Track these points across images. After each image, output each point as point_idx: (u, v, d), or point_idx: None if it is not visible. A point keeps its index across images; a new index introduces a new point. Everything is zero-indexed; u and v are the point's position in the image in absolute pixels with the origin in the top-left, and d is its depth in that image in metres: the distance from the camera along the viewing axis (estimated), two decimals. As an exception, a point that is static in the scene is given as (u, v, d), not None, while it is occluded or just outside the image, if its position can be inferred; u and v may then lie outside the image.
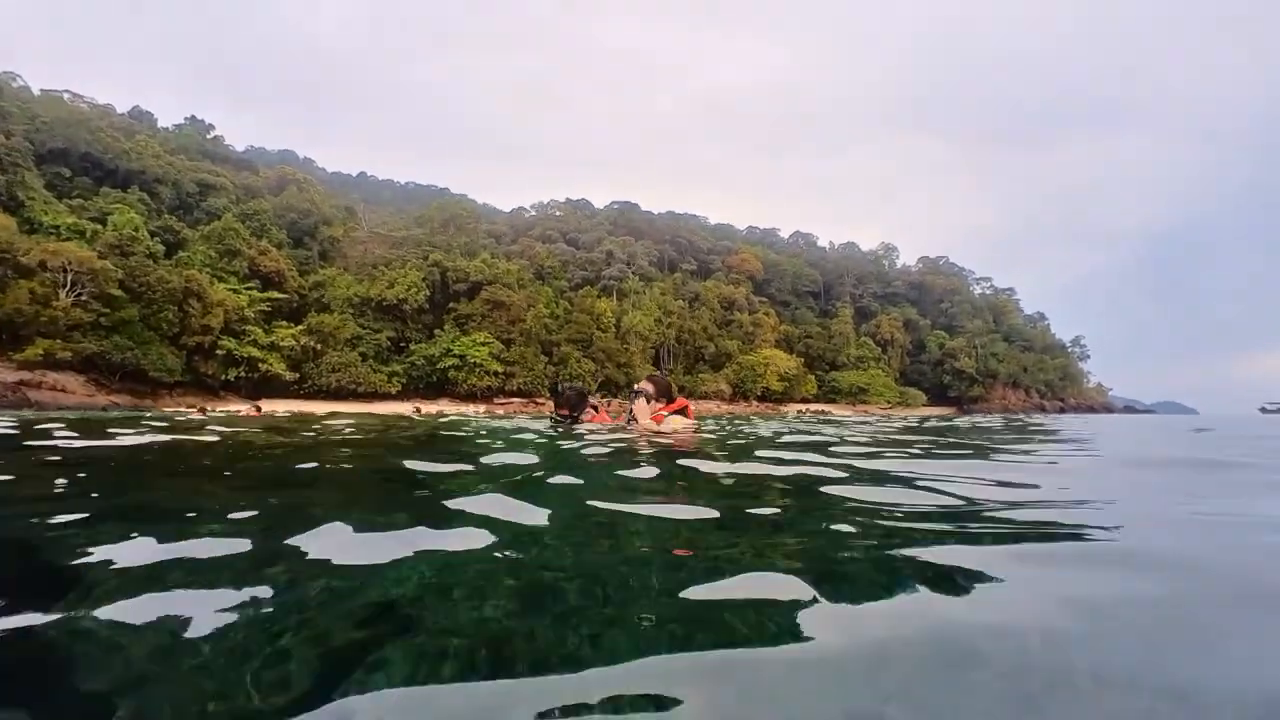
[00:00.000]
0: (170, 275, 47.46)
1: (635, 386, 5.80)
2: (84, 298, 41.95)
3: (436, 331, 64.93)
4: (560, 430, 5.86)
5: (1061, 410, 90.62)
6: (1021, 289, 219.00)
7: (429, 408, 46.50)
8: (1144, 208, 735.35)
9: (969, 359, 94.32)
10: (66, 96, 65.22)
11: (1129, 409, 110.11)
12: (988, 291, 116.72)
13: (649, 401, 5.63)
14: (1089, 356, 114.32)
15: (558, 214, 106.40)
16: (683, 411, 5.79)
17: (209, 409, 33.15)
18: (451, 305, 67.02)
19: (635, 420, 5.65)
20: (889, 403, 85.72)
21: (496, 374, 62.55)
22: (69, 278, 41.19)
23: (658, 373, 6.27)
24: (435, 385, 62.22)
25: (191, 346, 48.77)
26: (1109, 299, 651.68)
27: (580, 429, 5.88)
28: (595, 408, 6.52)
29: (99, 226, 48.09)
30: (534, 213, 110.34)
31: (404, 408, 45.84)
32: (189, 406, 40.78)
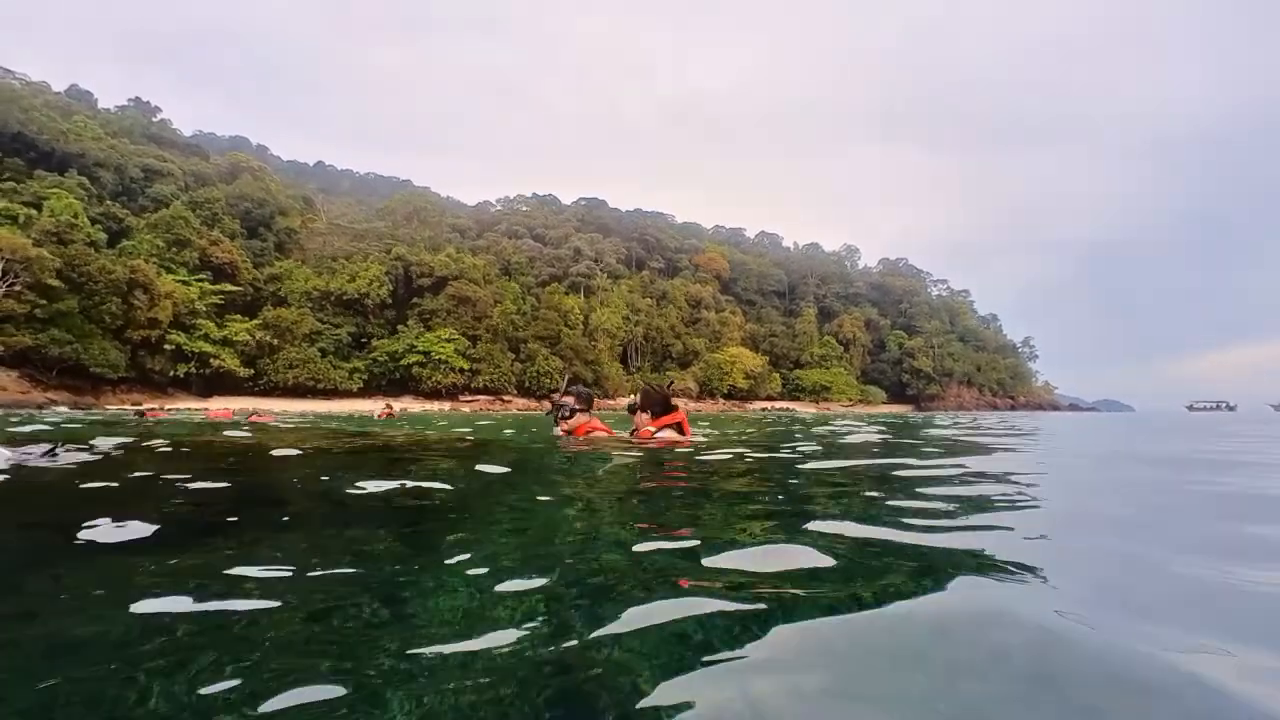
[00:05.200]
0: (113, 265, 44.85)
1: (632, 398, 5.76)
2: (17, 288, 39.25)
3: (400, 327, 63.34)
4: (561, 423, 5.68)
5: (1012, 408, 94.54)
6: (975, 292, 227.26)
7: (395, 405, 45.23)
8: (1086, 219, 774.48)
9: (926, 358, 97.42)
10: (-5, 72, 61.02)
11: (1074, 407, 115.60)
12: (944, 293, 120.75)
13: (634, 413, 5.55)
14: (1037, 357, 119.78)
15: (524, 209, 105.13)
16: (679, 427, 5.59)
17: (163, 408, 31.56)
18: (415, 300, 65.49)
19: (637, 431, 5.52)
20: (850, 400, 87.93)
21: (462, 371, 61.44)
22: (0, 266, 38.51)
23: (663, 388, 5.97)
24: (398, 382, 60.67)
25: (137, 341, 46.26)
26: (1054, 303, 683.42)
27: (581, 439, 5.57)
28: (575, 411, 5.88)
29: (33, 212, 45.12)
30: (500, 207, 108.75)
31: (366, 406, 44.51)
32: (134, 404, 38.68)
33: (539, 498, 2.50)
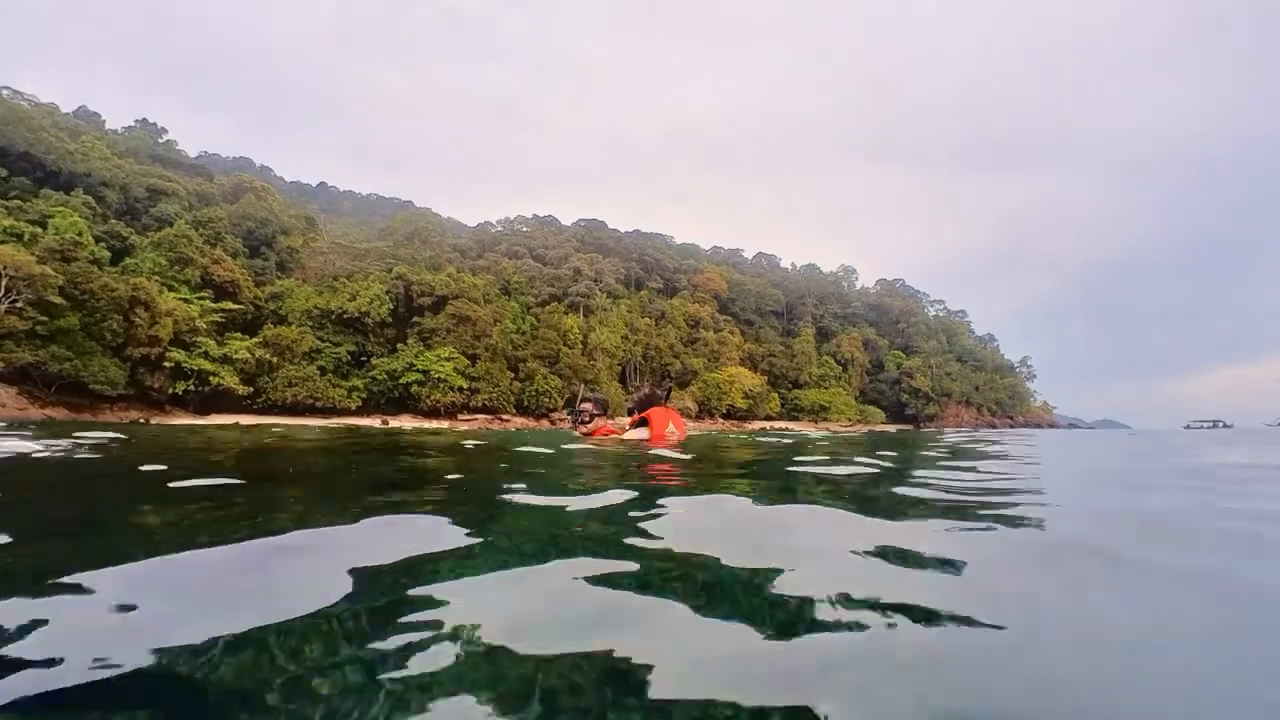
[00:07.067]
0: (116, 283, 45.10)
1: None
2: (19, 305, 39.46)
3: (399, 346, 63.49)
4: (579, 426, 6.60)
5: (1011, 427, 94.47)
6: (973, 312, 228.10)
7: (393, 423, 45.27)
8: (1083, 239, 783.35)
9: (925, 378, 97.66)
10: (5, 93, 61.88)
11: (1072, 426, 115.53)
12: (941, 314, 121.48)
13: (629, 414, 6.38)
14: (1035, 376, 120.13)
15: (524, 230, 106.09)
16: (644, 424, 6.06)
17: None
18: (415, 319, 65.74)
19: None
20: (850, 420, 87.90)
21: (461, 390, 61.45)
22: (3, 283, 38.71)
23: (654, 390, 6.75)
24: (397, 401, 60.67)
25: (137, 358, 46.31)
26: (1051, 323, 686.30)
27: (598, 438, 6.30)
28: (593, 416, 6.83)
29: (39, 230, 45.51)
30: (500, 228, 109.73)
31: (363, 424, 44.50)
32: (131, 421, 38.65)
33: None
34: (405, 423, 55.18)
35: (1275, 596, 1.28)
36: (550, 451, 5.17)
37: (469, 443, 7.41)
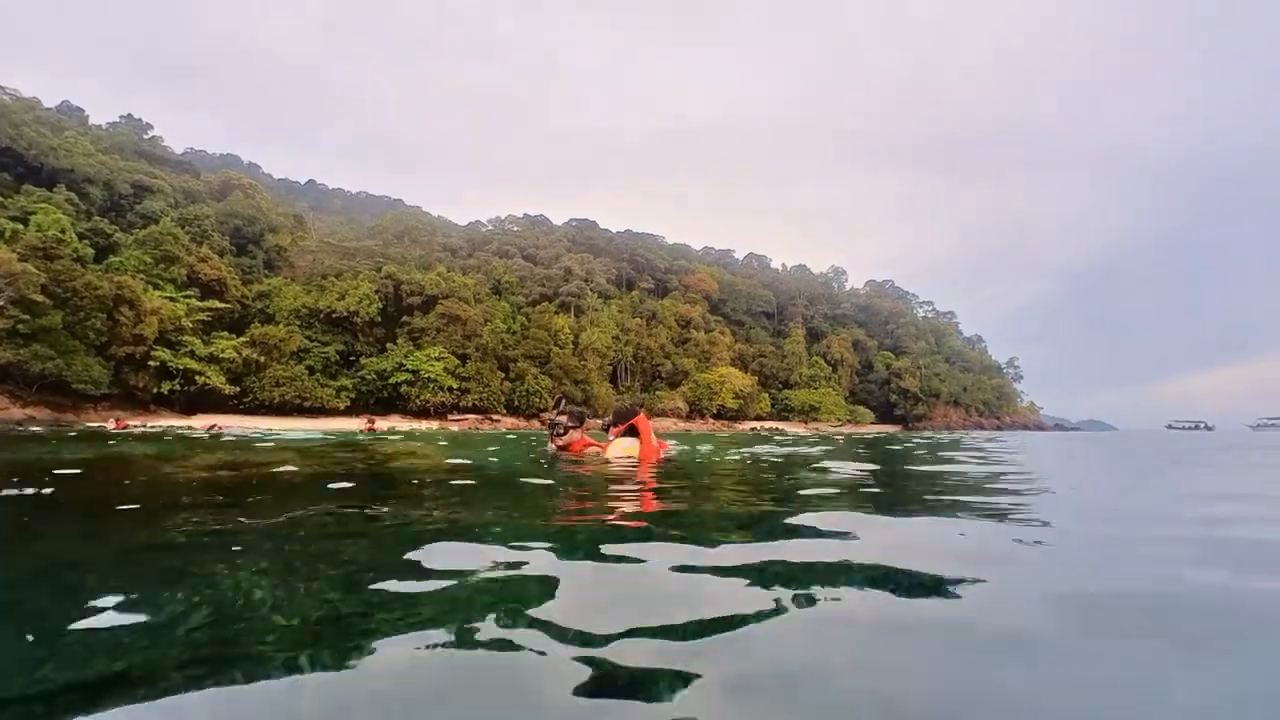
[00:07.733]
0: (100, 281, 44.49)
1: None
2: (0, 303, 38.83)
3: (389, 345, 63.10)
4: (555, 439, 6.39)
5: (998, 428, 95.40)
6: (962, 314, 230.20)
7: (381, 423, 44.97)
8: (1073, 244, 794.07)
9: (913, 379, 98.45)
10: (-14, 87, 60.81)
11: (1058, 427, 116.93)
12: (930, 315, 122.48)
13: (607, 430, 6.29)
14: (1023, 378, 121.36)
15: (515, 229, 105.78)
16: (631, 431, 5.98)
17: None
18: (405, 319, 65.35)
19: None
20: (839, 420, 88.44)
21: (451, 390, 61.17)
22: (-16, 281, 38.11)
23: (624, 402, 6.73)
24: (386, 401, 60.27)
25: (121, 357, 45.71)
26: (1040, 325, 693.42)
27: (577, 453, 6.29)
28: (570, 428, 6.75)
29: (20, 226, 44.75)
30: (491, 227, 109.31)
31: (350, 424, 44.14)
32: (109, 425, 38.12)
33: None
34: (396, 423, 54.85)
35: None
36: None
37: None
